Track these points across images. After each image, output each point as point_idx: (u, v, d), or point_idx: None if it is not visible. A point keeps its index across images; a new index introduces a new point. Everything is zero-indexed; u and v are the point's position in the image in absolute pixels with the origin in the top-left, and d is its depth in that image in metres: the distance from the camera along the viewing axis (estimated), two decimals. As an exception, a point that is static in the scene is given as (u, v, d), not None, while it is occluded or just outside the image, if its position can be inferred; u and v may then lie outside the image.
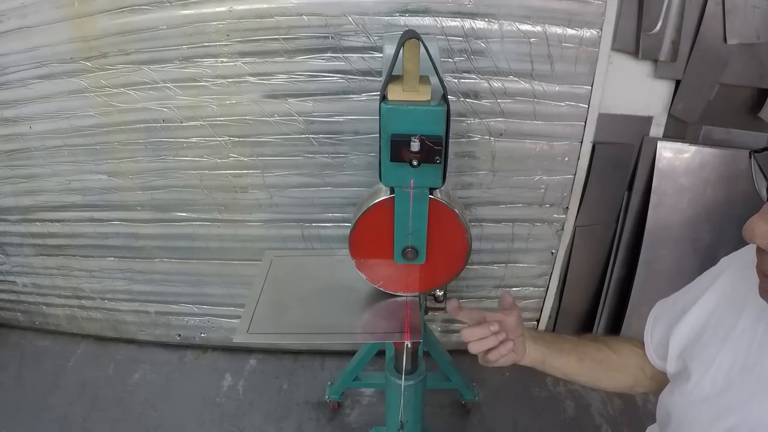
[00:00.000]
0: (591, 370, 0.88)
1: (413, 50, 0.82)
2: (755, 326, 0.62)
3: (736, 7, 1.46)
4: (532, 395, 1.98)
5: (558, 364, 0.88)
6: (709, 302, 0.71)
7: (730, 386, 0.62)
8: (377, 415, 1.88)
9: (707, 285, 0.73)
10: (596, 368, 0.88)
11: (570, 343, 0.89)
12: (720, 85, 1.58)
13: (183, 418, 1.88)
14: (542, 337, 0.88)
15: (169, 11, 1.49)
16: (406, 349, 1.13)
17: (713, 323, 0.69)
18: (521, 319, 0.85)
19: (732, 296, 0.68)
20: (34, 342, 2.22)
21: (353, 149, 1.67)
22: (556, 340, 0.89)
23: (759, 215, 0.54)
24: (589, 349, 0.88)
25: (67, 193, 1.85)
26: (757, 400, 0.58)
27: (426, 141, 0.85)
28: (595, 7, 1.46)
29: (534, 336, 0.88)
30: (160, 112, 1.64)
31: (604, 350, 0.88)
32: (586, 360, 0.88)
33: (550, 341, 0.88)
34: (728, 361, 0.63)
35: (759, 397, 0.58)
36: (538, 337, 0.88)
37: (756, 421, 0.58)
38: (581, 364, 0.88)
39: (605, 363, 0.88)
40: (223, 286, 2.02)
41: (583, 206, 1.80)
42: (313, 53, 1.52)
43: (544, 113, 1.61)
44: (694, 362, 0.68)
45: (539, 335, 0.89)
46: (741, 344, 0.63)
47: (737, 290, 0.67)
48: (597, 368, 0.88)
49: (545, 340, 0.88)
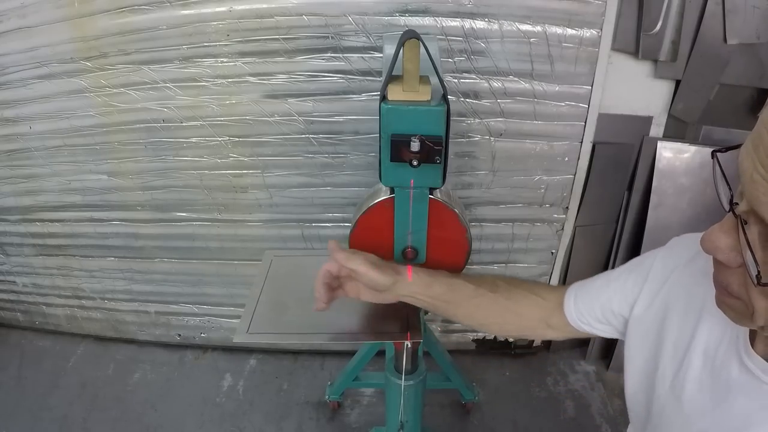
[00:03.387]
0: (479, 319, 0.92)
1: (413, 50, 0.82)
2: (718, 330, 0.60)
3: (736, 7, 1.46)
4: (532, 395, 1.98)
5: (441, 311, 0.92)
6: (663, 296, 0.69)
7: (702, 389, 0.60)
8: (377, 415, 1.88)
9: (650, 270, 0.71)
10: (487, 315, 0.91)
11: (462, 294, 0.90)
12: (720, 85, 1.58)
13: (183, 418, 1.88)
14: (430, 286, 0.89)
15: (169, 11, 1.49)
16: (406, 349, 1.13)
17: (675, 322, 0.66)
18: (365, 261, 0.86)
19: (690, 300, 0.65)
20: (34, 342, 2.22)
21: (353, 149, 1.67)
22: (445, 292, 0.90)
23: (719, 226, 0.49)
24: (484, 301, 0.90)
25: (67, 193, 1.85)
26: (727, 403, 0.57)
27: (426, 141, 0.85)
28: (595, 7, 1.46)
29: (423, 281, 0.89)
30: (160, 112, 1.64)
31: (501, 302, 0.89)
32: (477, 310, 0.90)
33: (434, 295, 0.90)
34: (698, 364, 0.61)
35: (729, 400, 0.57)
36: (428, 284, 0.89)
37: (727, 425, 0.56)
38: (470, 315, 0.91)
39: (501, 313, 0.90)
40: (223, 286, 2.02)
41: (583, 206, 1.80)
42: (313, 53, 1.52)
43: (544, 113, 1.61)
44: (663, 360, 0.66)
45: (431, 282, 0.89)
46: (710, 347, 0.61)
47: (695, 294, 0.64)
48: (487, 315, 0.91)
49: (430, 291, 0.90)
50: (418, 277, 0.89)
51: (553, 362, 2.10)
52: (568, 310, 0.83)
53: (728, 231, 0.48)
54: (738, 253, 0.47)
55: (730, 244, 0.48)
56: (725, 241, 0.48)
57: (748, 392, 0.55)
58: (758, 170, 0.43)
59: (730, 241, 0.48)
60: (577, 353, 2.13)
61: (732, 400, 0.56)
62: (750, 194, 0.45)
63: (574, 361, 2.10)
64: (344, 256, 0.86)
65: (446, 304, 0.91)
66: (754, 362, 0.55)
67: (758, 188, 0.43)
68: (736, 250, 0.47)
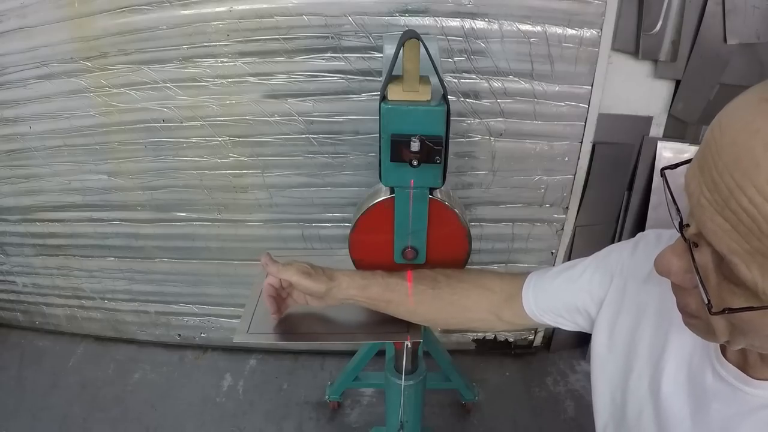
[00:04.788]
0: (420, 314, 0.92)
1: (413, 50, 0.82)
2: (690, 338, 0.57)
3: (736, 7, 1.46)
4: (532, 395, 1.98)
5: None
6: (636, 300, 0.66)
7: (679, 394, 0.59)
8: (377, 415, 1.88)
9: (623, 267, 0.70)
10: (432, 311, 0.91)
11: (400, 293, 0.90)
12: (720, 85, 1.58)
13: (183, 418, 1.88)
14: (366, 288, 0.90)
15: (169, 11, 1.49)
16: (406, 349, 1.13)
17: (648, 327, 0.64)
18: (297, 271, 0.88)
19: (661, 306, 0.63)
20: (34, 342, 2.22)
21: (353, 149, 1.67)
22: (383, 292, 0.90)
23: (671, 249, 0.48)
24: (425, 297, 0.90)
25: (67, 193, 1.85)
26: (704, 409, 0.56)
27: (426, 141, 0.85)
28: (595, 7, 1.46)
29: (357, 284, 0.90)
30: (160, 112, 1.64)
31: (445, 297, 0.89)
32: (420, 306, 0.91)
33: (372, 296, 0.91)
34: (674, 369, 0.60)
35: (705, 405, 0.56)
36: (363, 286, 0.90)
37: (706, 429, 0.56)
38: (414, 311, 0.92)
39: (444, 308, 0.90)
40: (223, 286, 2.02)
41: (583, 206, 1.80)
42: (313, 53, 1.52)
43: (544, 113, 1.61)
44: (638, 363, 0.64)
45: (367, 285, 0.90)
46: (684, 353, 0.59)
47: (667, 299, 0.59)
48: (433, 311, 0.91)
49: (367, 293, 0.91)
50: (352, 281, 0.91)
51: (553, 362, 2.10)
52: (527, 303, 0.82)
53: (680, 254, 0.47)
54: (693, 274, 0.45)
55: (683, 266, 0.47)
56: (677, 264, 0.47)
57: (723, 399, 0.54)
58: (704, 194, 0.42)
59: (682, 263, 0.47)
60: (577, 353, 2.13)
61: (708, 405, 0.56)
62: (698, 218, 0.43)
63: (574, 361, 2.10)
64: (276, 269, 0.89)
65: (387, 304, 0.92)
66: (726, 370, 0.54)
67: (705, 213, 0.42)
68: (690, 272, 0.46)
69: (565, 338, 2.11)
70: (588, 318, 0.75)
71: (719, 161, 0.40)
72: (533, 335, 2.10)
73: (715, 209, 0.41)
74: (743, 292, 0.43)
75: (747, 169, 0.38)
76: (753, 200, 0.38)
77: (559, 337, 2.11)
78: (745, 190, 0.38)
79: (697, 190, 0.43)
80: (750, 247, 0.40)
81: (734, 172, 0.39)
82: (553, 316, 0.80)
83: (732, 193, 0.39)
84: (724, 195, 0.40)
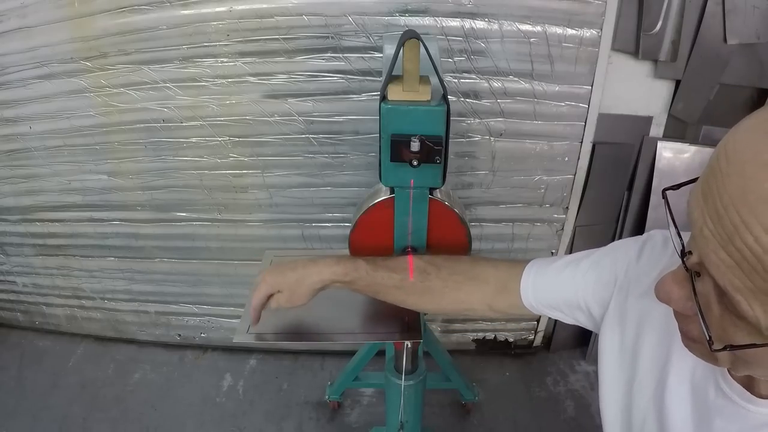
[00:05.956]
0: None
1: (413, 50, 0.82)
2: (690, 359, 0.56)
3: (736, 7, 1.46)
4: (532, 395, 1.98)
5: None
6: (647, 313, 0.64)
7: (682, 407, 0.58)
8: (377, 415, 1.88)
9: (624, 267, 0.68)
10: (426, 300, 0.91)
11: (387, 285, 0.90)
12: (720, 85, 1.58)
13: (183, 418, 1.88)
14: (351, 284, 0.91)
15: (169, 11, 1.49)
16: (406, 349, 1.13)
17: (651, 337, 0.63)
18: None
19: (666, 319, 0.60)
20: (34, 342, 2.22)
21: (353, 149, 1.67)
22: (367, 286, 0.91)
23: (672, 276, 0.46)
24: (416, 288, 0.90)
25: (67, 193, 1.85)
26: (707, 424, 0.55)
27: (426, 141, 0.85)
28: (595, 7, 1.46)
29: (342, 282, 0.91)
30: (160, 112, 1.64)
31: (436, 289, 0.89)
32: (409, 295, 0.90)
33: (358, 290, 0.92)
34: (677, 381, 0.59)
35: (708, 421, 0.55)
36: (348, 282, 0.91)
37: None
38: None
39: (433, 299, 0.90)
40: (223, 286, 2.02)
41: (583, 206, 1.80)
42: (313, 53, 1.52)
43: (544, 113, 1.61)
44: (640, 373, 0.63)
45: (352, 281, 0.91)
46: (687, 366, 0.58)
47: (668, 317, 0.56)
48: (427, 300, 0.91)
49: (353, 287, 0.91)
50: (335, 276, 0.91)
51: (553, 362, 2.10)
52: (525, 295, 0.80)
53: (681, 282, 0.45)
54: (694, 302, 0.44)
55: (684, 295, 0.45)
56: (678, 292, 0.46)
57: (726, 416, 0.53)
58: (708, 225, 0.40)
59: (683, 292, 0.45)
60: (577, 353, 2.13)
61: (711, 422, 0.55)
62: (701, 249, 0.41)
63: (574, 361, 2.10)
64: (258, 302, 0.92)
65: (375, 294, 0.93)
66: (730, 387, 0.53)
67: (708, 245, 0.40)
68: (692, 300, 0.44)
69: (565, 338, 2.11)
70: (589, 316, 0.74)
71: (724, 193, 0.38)
72: (533, 335, 2.10)
73: (718, 242, 0.39)
74: (746, 326, 0.41)
75: (754, 205, 0.36)
76: (759, 240, 0.36)
77: (559, 337, 2.11)
78: (751, 228, 0.36)
79: (700, 219, 0.41)
80: (753, 286, 0.38)
81: (740, 207, 0.37)
82: (551, 310, 0.79)
83: (737, 229, 0.37)
84: (728, 230, 0.38)
